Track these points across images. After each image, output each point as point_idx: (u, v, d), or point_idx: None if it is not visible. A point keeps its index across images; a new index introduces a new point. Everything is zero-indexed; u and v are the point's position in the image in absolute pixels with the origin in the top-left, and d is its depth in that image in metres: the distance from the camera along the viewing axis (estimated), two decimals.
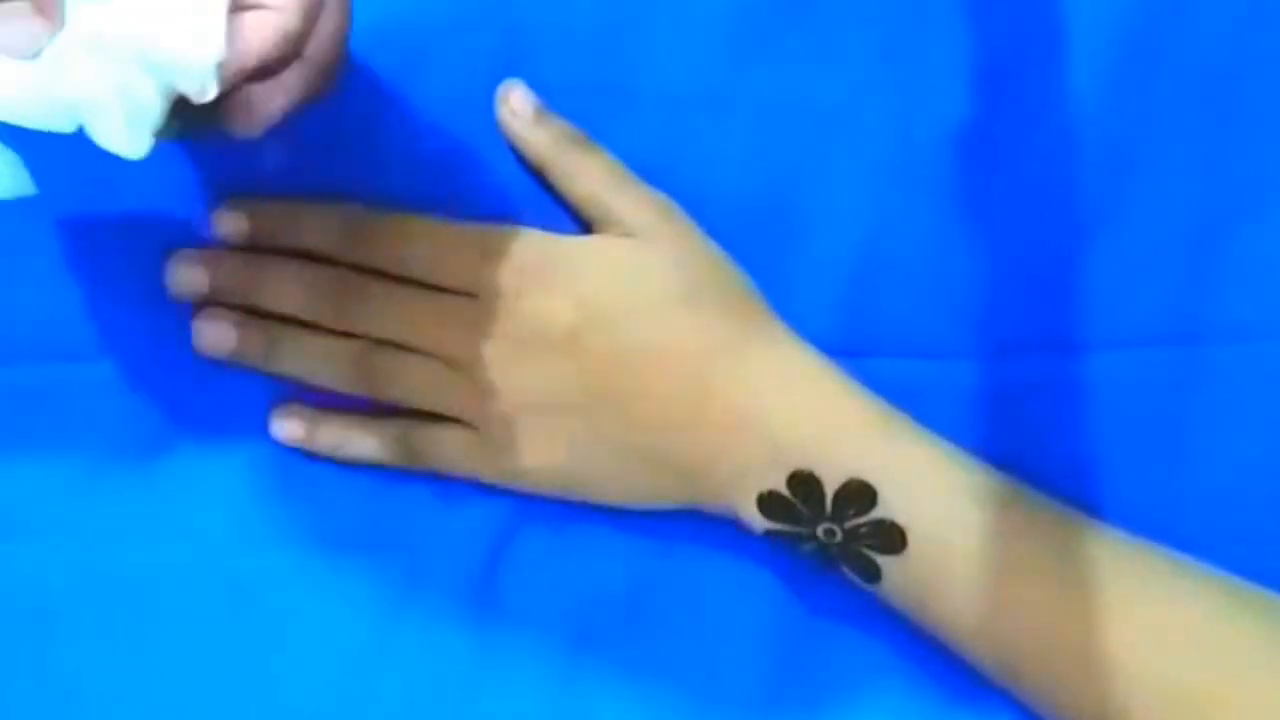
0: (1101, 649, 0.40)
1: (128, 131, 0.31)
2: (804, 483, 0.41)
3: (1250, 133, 0.43)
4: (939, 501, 0.41)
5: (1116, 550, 0.42)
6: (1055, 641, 0.40)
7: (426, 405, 0.44)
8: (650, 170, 0.43)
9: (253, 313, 0.43)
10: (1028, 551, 0.41)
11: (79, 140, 0.33)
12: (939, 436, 0.42)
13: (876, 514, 0.41)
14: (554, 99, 0.43)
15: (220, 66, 0.30)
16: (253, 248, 0.43)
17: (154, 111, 0.31)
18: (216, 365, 0.44)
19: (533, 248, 0.42)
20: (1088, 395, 0.44)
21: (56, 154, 0.40)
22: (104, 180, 0.42)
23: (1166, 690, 0.39)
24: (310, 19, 0.33)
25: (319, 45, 0.34)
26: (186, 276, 0.43)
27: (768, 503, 0.42)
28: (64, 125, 0.31)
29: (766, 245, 0.44)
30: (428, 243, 0.43)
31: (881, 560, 0.41)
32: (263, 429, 0.45)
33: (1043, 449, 0.44)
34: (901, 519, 0.41)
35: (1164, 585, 0.41)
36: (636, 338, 0.42)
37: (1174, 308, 0.44)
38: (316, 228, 0.43)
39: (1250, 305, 0.44)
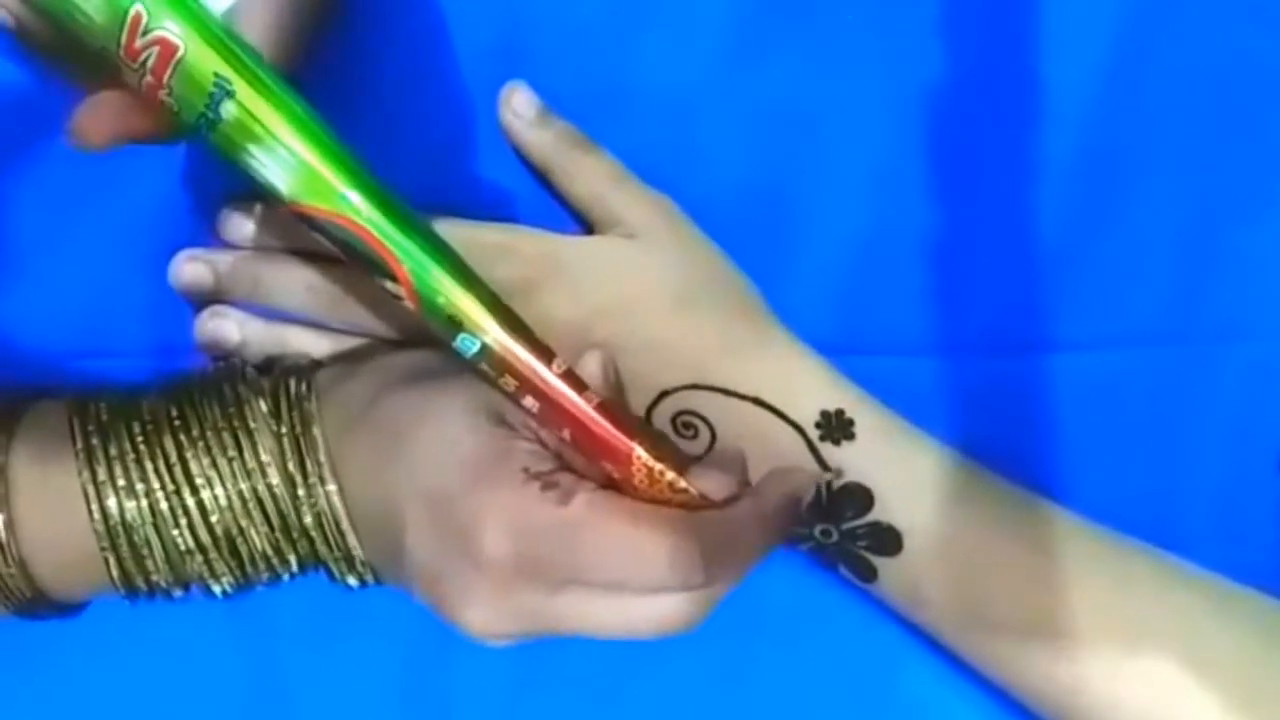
0: (1090, 647, 0.40)
1: None
2: None
3: (1242, 134, 0.43)
4: (936, 505, 0.41)
5: (1107, 552, 0.42)
6: (1046, 640, 0.41)
7: None
8: (650, 170, 0.43)
9: None
10: (1024, 555, 0.41)
11: None
12: (936, 439, 0.43)
13: (873, 516, 0.41)
14: (554, 99, 0.42)
15: None
16: (256, 247, 0.43)
17: None
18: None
19: (534, 248, 0.42)
20: (1083, 394, 0.45)
21: (59, 155, 0.41)
22: (108, 181, 0.42)
23: (1141, 685, 0.40)
24: None
25: None
26: (191, 275, 0.43)
27: None
28: None
29: (765, 245, 0.44)
30: None
31: (877, 561, 0.42)
32: None
33: (1038, 447, 0.45)
34: (898, 522, 0.41)
35: (1147, 584, 0.42)
36: (636, 336, 0.42)
37: (1166, 307, 0.44)
38: None
39: (1242, 305, 0.44)
